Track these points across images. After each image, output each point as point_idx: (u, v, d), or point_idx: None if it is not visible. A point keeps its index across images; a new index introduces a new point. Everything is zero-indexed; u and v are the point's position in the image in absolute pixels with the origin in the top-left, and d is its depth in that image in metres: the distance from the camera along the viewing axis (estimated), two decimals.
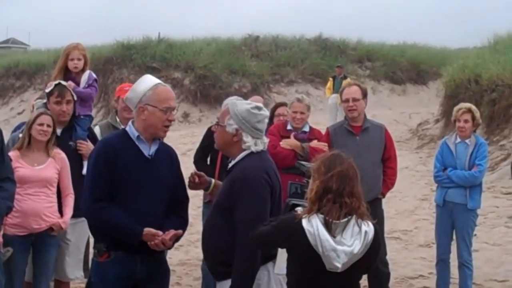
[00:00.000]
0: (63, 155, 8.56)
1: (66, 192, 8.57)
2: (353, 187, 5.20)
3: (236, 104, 6.31)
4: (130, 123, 6.70)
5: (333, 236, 5.10)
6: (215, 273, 6.34)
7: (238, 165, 6.15)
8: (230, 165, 6.31)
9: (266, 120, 6.30)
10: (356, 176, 5.28)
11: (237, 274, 5.85)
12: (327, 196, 5.15)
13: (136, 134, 6.44)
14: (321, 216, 5.14)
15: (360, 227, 5.17)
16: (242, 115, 6.09)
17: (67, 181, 8.57)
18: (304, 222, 5.14)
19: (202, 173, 6.72)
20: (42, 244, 8.47)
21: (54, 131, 8.49)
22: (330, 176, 5.16)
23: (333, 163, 5.24)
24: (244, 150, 6.14)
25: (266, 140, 6.35)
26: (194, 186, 6.71)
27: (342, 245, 5.09)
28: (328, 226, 5.11)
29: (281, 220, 5.45)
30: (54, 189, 8.47)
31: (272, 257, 6.04)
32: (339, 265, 5.09)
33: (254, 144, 6.11)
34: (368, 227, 5.22)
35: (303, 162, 7.08)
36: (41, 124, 8.32)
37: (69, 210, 8.52)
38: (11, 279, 8.23)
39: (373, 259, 5.52)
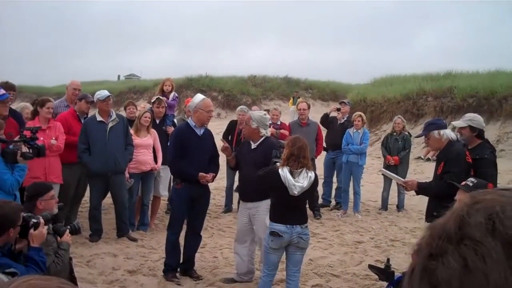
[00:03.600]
0: (155, 132, 8.72)
1: (157, 150, 8.66)
2: (305, 153, 5.36)
3: (254, 113, 6.68)
4: (189, 118, 6.91)
5: (293, 177, 5.21)
6: (251, 197, 6.41)
7: (263, 143, 6.33)
8: (254, 145, 6.39)
9: (269, 120, 6.56)
10: (307, 148, 5.43)
11: None
12: (292, 157, 5.30)
13: (193, 124, 6.58)
14: (288, 167, 5.26)
15: (307, 174, 5.29)
16: (258, 118, 6.34)
17: (158, 145, 8.66)
18: (280, 170, 5.28)
19: (229, 146, 6.73)
20: (146, 177, 8.60)
21: (151, 121, 8.62)
22: (294, 148, 5.30)
23: (295, 141, 5.39)
24: (261, 136, 6.33)
25: (269, 130, 6.69)
26: (224, 151, 6.68)
27: (298, 182, 5.25)
28: (291, 173, 5.24)
29: (269, 169, 5.58)
30: (151, 149, 8.55)
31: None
32: (296, 192, 5.23)
33: (266, 132, 6.37)
34: (312, 174, 5.36)
35: (281, 140, 7.26)
36: (146, 117, 8.48)
37: (160, 160, 8.62)
38: (132, 195, 8.33)
39: (313, 189, 5.79)
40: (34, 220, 3.89)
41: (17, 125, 6.85)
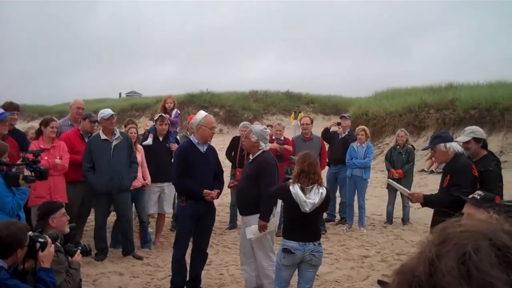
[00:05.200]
0: (141, 147, 8.80)
1: (143, 166, 8.63)
2: (315, 169, 5.38)
3: (255, 127, 6.63)
4: (192, 136, 6.99)
5: (305, 194, 5.24)
6: (244, 211, 6.50)
7: (258, 157, 6.34)
8: (251, 158, 6.47)
9: (269, 135, 6.54)
10: (317, 163, 5.49)
11: (264, 209, 6.03)
12: (302, 174, 5.31)
13: (196, 141, 6.61)
14: (299, 184, 5.27)
15: (319, 190, 5.30)
16: (259, 132, 6.36)
17: (143, 161, 8.66)
18: (291, 187, 5.29)
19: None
20: (138, 194, 8.63)
21: (137, 136, 8.88)
22: (304, 164, 5.32)
23: (305, 158, 5.40)
24: (260, 150, 6.33)
25: (269, 144, 6.68)
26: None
27: (309, 199, 5.24)
28: (302, 189, 5.25)
29: (280, 185, 5.70)
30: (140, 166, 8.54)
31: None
32: (307, 209, 5.22)
33: (265, 146, 6.37)
34: (323, 190, 5.36)
35: (292, 157, 7.25)
36: (131, 133, 8.69)
37: (148, 176, 8.67)
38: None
39: (326, 206, 5.67)
40: (41, 240, 3.89)
41: (17, 145, 6.84)
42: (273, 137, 9.95)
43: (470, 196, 4.30)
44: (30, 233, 3.90)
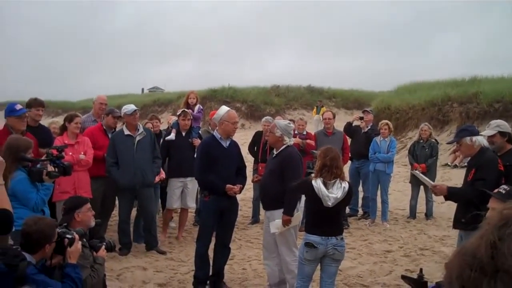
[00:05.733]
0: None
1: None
2: (338, 163, 5.38)
3: (279, 122, 6.64)
4: (215, 131, 6.94)
5: (327, 189, 5.23)
6: (268, 205, 6.47)
7: (283, 152, 6.33)
8: (275, 152, 6.47)
9: (295, 130, 6.57)
10: (339, 157, 5.48)
11: (288, 203, 6.02)
12: (325, 168, 5.30)
13: (219, 136, 6.60)
14: (321, 178, 5.27)
15: (341, 184, 5.28)
16: (283, 127, 6.34)
17: None
18: (313, 182, 5.28)
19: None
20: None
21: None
22: (327, 158, 5.32)
23: (327, 152, 5.39)
24: (284, 144, 6.31)
25: (293, 139, 6.65)
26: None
27: (331, 193, 5.22)
28: (325, 184, 5.24)
29: (303, 180, 5.71)
30: None
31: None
32: (330, 204, 5.21)
33: (289, 141, 6.35)
34: (346, 184, 5.34)
35: (314, 151, 7.24)
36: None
37: (162, 171, 8.65)
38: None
39: (348, 200, 5.68)
40: (69, 236, 3.94)
41: (36, 140, 6.85)
42: (295, 132, 9.89)
43: (495, 190, 4.26)
44: (58, 229, 3.95)
